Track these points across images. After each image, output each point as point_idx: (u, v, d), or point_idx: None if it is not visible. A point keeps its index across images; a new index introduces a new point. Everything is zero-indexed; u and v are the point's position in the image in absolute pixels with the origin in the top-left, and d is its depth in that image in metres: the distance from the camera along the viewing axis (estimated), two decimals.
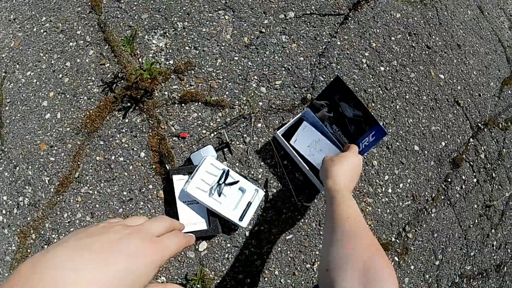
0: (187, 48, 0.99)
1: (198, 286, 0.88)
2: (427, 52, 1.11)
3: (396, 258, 0.99)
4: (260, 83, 0.97)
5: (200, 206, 0.88)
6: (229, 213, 0.85)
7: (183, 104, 0.95)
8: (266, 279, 0.90)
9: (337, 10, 1.05)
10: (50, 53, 1.06)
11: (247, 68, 0.98)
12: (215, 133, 0.93)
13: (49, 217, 0.95)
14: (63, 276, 0.28)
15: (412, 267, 1.00)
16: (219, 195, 0.85)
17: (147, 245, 0.34)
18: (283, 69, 0.99)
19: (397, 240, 0.99)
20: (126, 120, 0.95)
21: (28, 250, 0.97)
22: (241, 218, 0.85)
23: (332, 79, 0.85)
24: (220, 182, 0.86)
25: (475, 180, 1.11)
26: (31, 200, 0.97)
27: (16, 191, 0.99)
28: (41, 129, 1.00)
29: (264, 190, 0.90)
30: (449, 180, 1.07)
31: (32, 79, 1.05)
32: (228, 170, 0.87)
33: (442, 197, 1.05)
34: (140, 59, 0.98)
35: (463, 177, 1.09)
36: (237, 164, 0.93)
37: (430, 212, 1.03)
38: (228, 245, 0.90)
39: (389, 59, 1.05)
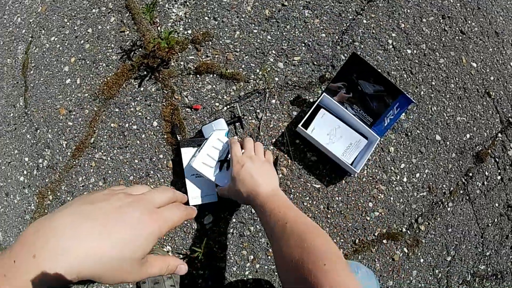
0: (206, 18, 0.97)
1: (202, 258, 0.89)
2: (460, 37, 1.04)
3: (405, 250, 0.96)
4: (278, 58, 0.94)
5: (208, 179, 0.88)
6: None
7: (198, 75, 0.94)
8: (269, 257, 0.90)
9: None
10: (73, 19, 1.07)
11: (266, 42, 0.95)
12: (228, 106, 0.92)
13: (65, 180, 0.98)
14: (65, 245, 0.29)
15: (421, 260, 0.97)
16: (227, 169, 0.85)
17: (147, 216, 0.34)
18: (303, 45, 0.95)
19: (408, 231, 0.96)
20: (142, 89, 0.95)
21: (46, 211, 1.01)
22: None
23: (348, 57, 0.82)
24: (228, 158, 0.84)
25: (499, 177, 1.05)
26: (50, 163, 1.01)
27: (37, 153, 1.02)
28: (61, 93, 1.02)
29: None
30: (471, 174, 1.01)
31: (55, 44, 1.07)
32: None
33: (461, 192, 1.00)
34: (159, 28, 0.97)
35: (486, 173, 1.03)
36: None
37: (446, 206, 0.99)
38: (234, 220, 0.90)
39: (417, 41, 0.99)
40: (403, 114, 0.95)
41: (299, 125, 0.86)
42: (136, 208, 0.34)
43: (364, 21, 0.97)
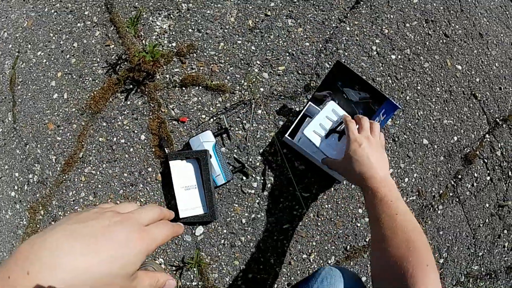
0: (190, 30, 0.97)
1: (195, 269, 0.90)
2: (444, 40, 1.05)
3: None
4: (263, 68, 0.95)
5: (197, 191, 0.88)
6: None
7: (183, 88, 0.94)
8: (261, 266, 0.90)
9: None
10: (59, 34, 1.07)
11: (250, 52, 0.95)
12: (215, 118, 0.92)
13: (55, 195, 0.98)
14: (58, 261, 0.30)
15: None
16: (338, 140, 0.81)
17: (135, 235, 0.36)
18: (287, 54, 0.96)
19: None
20: (128, 102, 0.95)
21: (38, 226, 1.01)
22: None
23: (332, 65, 0.82)
24: (338, 129, 0.80)
25: (488, 178, 1.06)
26: (40, 178, 1.00)
27: (27, 168, 1.02)
28: (49, 108, 1.02)
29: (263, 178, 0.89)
30: (460, 176, 1.02)
31: (42, 59, 1.07)
32: None
33: (451, 194, 1.01)
34: (143, 41, 0.98)
35: (475, 175, 1.04)
36: (236, 150, 0.92)
37: (437, 209, 0.99)
38: (224, 231, 0.90)
39: (401, 47, 1.00)
40: (390, 119, 0.96)
41: (286, 135, 0.86)
42: (125, 226, 0.36)
43: (348, 28, 0.98)
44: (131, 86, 0.96)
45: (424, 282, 0.49)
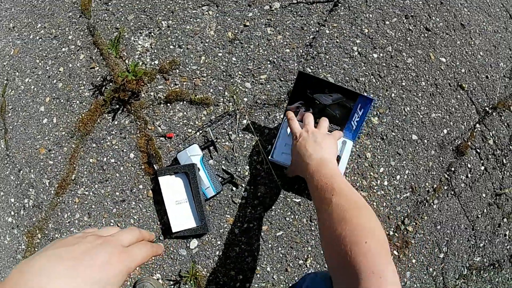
0: (171, 47, 0.98)
1: (191, 282, 0.90)
2: (426, 34, 1.05)
3: (395, 252, 0.96)
4: (245, 78, 0.95)
5: (189, 205, 0.88)
6: None
7: (168, 104, 0.95)
8: (258, 275, 0.90)
9: None
10: (45, 59, 1.09)
11: (232, 63, 0.96)
12: (201, 131, 0.93)
13: (51, 218, 0.99)
14: (43, 284, 0.32)
15: (413, 260, 0.97)
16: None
17: (115, 256, 0.38)
18: (268, 62, 0.96)
19: (396, 234, 0.96)
20: (116, 122, 0.96)
21: (36, 249, 1.02)
22: None
23: (295, 77, 0.82)
24: None
25: (482, 167, 1.05)
26: (35, 202, 1.01)
27: (22, 194, 1.03)
28: (39, 133, 1.04)
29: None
30: (453, 169, 1.01)
31: (30, 85, 1.09)
32: None
33: (445, 188, 1.00)
34: (126, 61, 0.99)
35: (469, 165, 1.03)
36: (223, 162, 0.92)
37: (432, 204, 0.99)
38: (219, 242, 0.90)
39: (383, 45, 1.00)
40: (377, 118, 0.96)
41: (269, 157, 0.86)
42: (106, 248, 0.38)
43: (327, 32, 0.98)
44: (117, 106, 0.97)
45: (363, 259, 0.46)
